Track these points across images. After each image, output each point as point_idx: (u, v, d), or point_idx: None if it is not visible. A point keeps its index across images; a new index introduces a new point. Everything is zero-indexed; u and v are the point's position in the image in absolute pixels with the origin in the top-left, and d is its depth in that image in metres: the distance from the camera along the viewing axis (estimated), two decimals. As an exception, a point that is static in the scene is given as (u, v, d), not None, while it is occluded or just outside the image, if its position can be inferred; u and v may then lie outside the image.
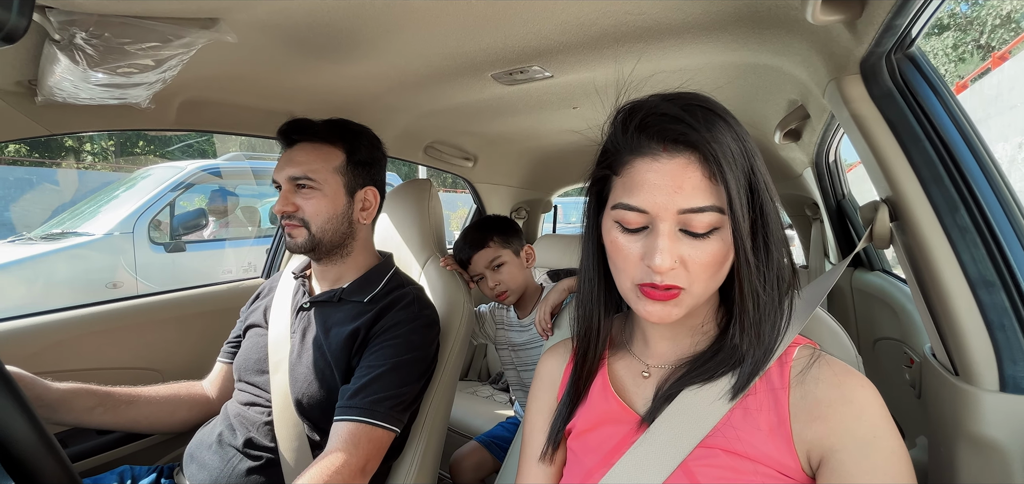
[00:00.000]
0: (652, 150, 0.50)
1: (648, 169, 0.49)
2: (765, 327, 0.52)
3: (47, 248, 3.29)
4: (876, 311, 1.37)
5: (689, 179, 0.48)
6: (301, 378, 0.91)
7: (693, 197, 0.48)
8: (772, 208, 0.51)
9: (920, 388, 0.90)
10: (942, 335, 0.68)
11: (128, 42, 0.60)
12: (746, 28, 0.81)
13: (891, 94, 0.68)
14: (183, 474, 0.94)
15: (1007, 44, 9.49)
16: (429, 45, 0.94)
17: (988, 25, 12.08)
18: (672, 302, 0.51)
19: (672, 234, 0.49)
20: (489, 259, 1.28)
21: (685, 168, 0.48)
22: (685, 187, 0.48)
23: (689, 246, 0.49)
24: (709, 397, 0.53)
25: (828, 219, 1.62)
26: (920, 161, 0.66)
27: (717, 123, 0.49)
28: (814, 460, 0.49)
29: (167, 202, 3.58)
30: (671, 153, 0.49)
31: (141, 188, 3.77)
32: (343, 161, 0.97)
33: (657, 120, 0.50)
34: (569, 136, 1.76)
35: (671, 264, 0.49)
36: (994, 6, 11.97)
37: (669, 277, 0.49)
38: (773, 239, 0.51)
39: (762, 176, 0.51)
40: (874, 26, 0.58)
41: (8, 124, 0.88)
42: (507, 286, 1.28)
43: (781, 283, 0.52)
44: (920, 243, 0.66)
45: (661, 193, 0.48)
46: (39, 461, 0.55)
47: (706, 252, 0.49)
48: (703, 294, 0.52)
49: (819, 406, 0.49)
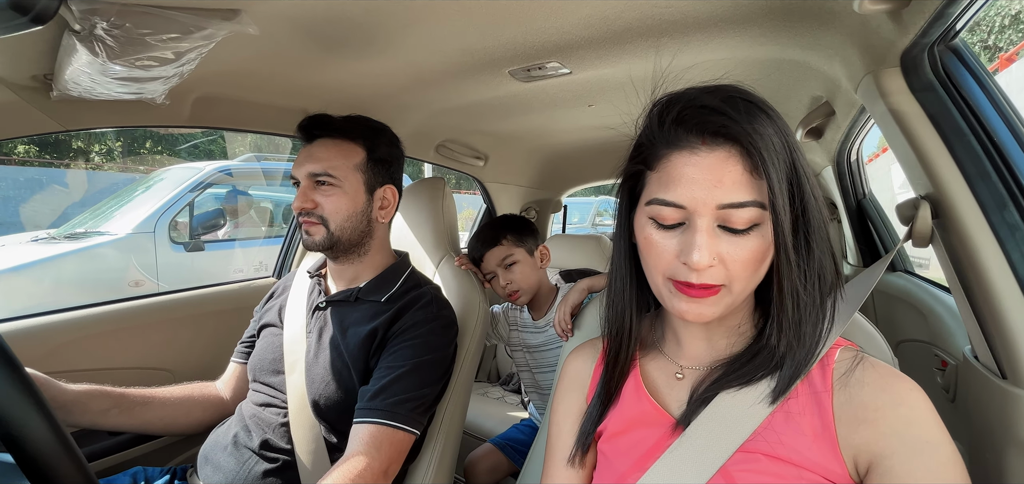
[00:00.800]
0: (690, 143, 0.48)
1: (686, 163, 0.48)
2: (806, 328, 0.50)
3: (71, 247, 3.38)
4: (899, 313, 1.34)
5: (729, 173, 0.46)
6: (318, 378, 0.89)
7: (733, 192, 0.46)
8: (815, 204, 0.49)
9: (954, 392, 0.87)
10: (988, 337, 0.65)
11: (149, 33, 0.59)
12: (777, 21, 0.79)
13: (932, 87, 0.66)
14: (197, 475, 0.93)
15: (1015, 45, 9.43)
16: (448, 40, 0.93)
17: (996, 25, 11.98)
18: (709, 300, 0.49)
19: (710, 230, 0.47)
20: (501, 257, 1.26)
21: (725, 161, 0.47)
22: (725, 181, 0.46)
23: (728, 243, 0.47)
24: (748, 400, 0.51)
25: (847, 219, 1.60)
26: (964, 156, 0.63)
27: (759, 115, 0.47)
28: (862, 466, 0.47)
29: (186, 203, 3.67)
30: (710, 146, 0.47)
31: (159, 189, 3.86)
32: (364, 158, 0.95)
33: (696, 112, 0.48)
34: (582, 135, 1.74)
35: (710, 261, 0.47)
36: (1003, 6, 11.88)
37: (707, 275, 0.47)
38: (816, 237, 0.49)
39: (805, 170, 0.49)
40: (923, 15, 0.56)
41: (23, 120, 0.87)
42: (519, 285, 1.26)
43: (823, 283, 0.50)
44: (965, 241, 0.64)
45: (700, 187, 0.47)
46: (56, 461, 0.53)
47: (746, 249, 0.47)
48: (742, 293, 0.50)
49: (866, 410, 0.47)
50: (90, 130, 1.02)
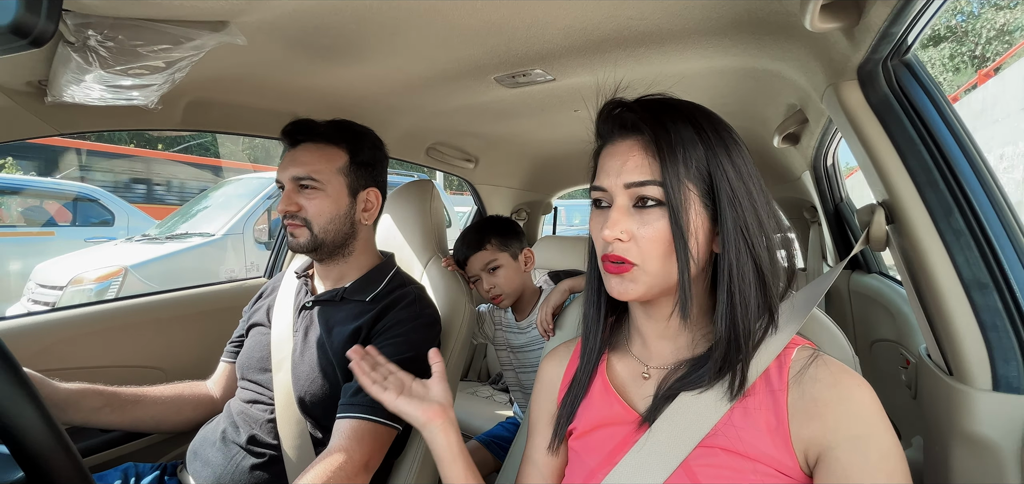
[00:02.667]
0: (611, 136, 0.57)
1: (607, 154, 0.57)
2: (737, 314, 0.52)
3: (181, 246, 3.91)
4: (873, 313, 1.39)
5: (634, 157, 0.54)
6: (303, 376, 0.92)
7: (636, 172, 0.53)
8: (743, 202, 0.52)
9: (916, 388, 0.91)
10: (937, 336, 0.69)
11: (140, 44, 0.61)
12: (746, 34, 0.83)
13: (887, 100, 0.70)
14: (186, 471, 0.95)
15: (1000, 55, 9.62)
16: (433, 48, 0.96)
17: (983, 37, 12.16)
18: (627, 277, 0.54)
19: (623, 209, 0.54)
20: (485, 261, 1.27)
21: (631, 148, 0.54)
22: (629, 164, 0.54)
23: (638, 222, 0.53)
24: (708, 398, 0.54)
25: (826, 222, 1.64)
26: (915, 165, 0.67)
27: (674, 116, 0.54)
28: (811, 458, 0.50)
29: (265, 208, 4.18)
30: (623, 137, 0.56)
31: (235, 193, 4.42)
32: (346, 162, 0.98)
33: (618, 113, 0.57)
34: (570, 139, 1.77)
35: (617, 234, 0.53)
36: (988, 18, 12.06)
37: (619, 249, 0.53)
38: (748, 232, 0.52)
39: (729, 170, 0.52)
40: (871, 33, 0.60)
41: (18, 123, 0.89)
42: (502, 290, 1.27)
43: (759, 276, 0.53)
44: (915, 245, 0.67)
45: (613, 171, 0.55)
46: (53, 457, 0.56)
47: (652, 228, 0.53)
48: (658, 274, 0.53)
49: (816, 405, 0.50)
50: (84, 133, 1.04)
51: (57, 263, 3.69)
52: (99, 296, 3.32)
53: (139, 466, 0.99)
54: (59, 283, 3.39)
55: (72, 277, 3.41)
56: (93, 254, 3.85)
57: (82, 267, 3.52)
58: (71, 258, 3.76)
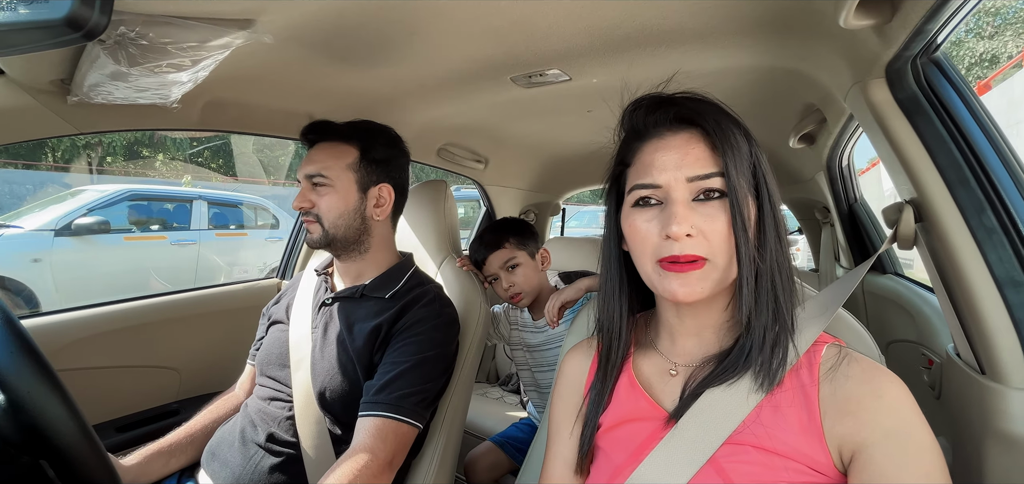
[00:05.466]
0: (659, 132, 0.55)
1: (656, 149, 0.54)
2: (769, 299, 0.52)
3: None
4: (889, 314, 1.38)
5: (693, 150, 0.52)
6: (323, 373, 0.91)
7: (699, 165, 0.52)
8: (776, 203, 0.54)
9: (940, 389, 0.90)
10: (968, 334, 0.68)
11: (170, 42, 0.61)
12: (769, 32, 0.83)
13: (916, 97, 0.69)
14: (203, 471, 0.95)
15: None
16: (453, 48, 0.96)
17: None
18: (696, 275, 0.52)
19: (685, 203, 0.52)
20: (504, 260, 1.28)
21: (689, 141, 0.53)
22: (690, 157, 0.52)
23: (703, 216, 0.52)
24: (736, 394, 0.53)
25: (840, 223, 1.63)
26: (945, 163, 0.67)
27: (719, 111, 0.54)
28: (846, 455, 0.49)
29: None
30: (675, 130, 0.54)
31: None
32: (356, 158, 0.98)
33: (661, 105, 0.56)
34: (580, 139, 1.77)
35: (687, 229, 0.51)
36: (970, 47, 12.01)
37: (689, 246, 0.51)
38: (779, 230, 0.53)
39: (765, 171, 0.54)
40: (905, 30, 0.59)
41: (39, 122, 0.89)
42: (521, 288, 1.28)
43: (782, 269, 0.54)
44: (946, 244, 0.67)
45: (670, 166, 0.53)
46: (81, 453, 0.56)
47: (719, 222, 0.51)
48: (725, 269, 0.53)
49: (849, 402, 0.49)
50: (103, 133, 1.05)
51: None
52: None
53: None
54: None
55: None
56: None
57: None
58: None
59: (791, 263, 0.55)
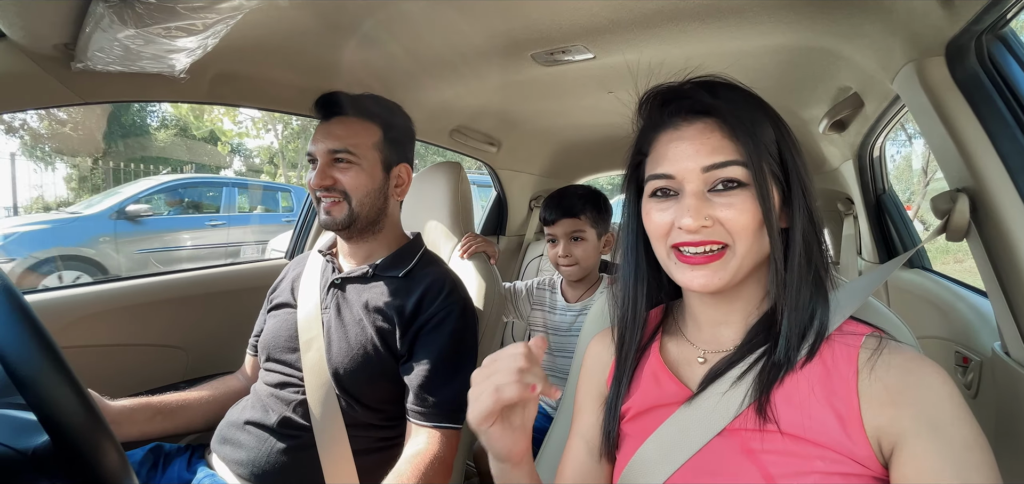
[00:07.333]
0: (674, 123, 0.54)
1: (671, 139, 0.54)
2: (801, 276, 0.51)
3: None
4: (915, 309, 1.33)
5: (709, 140, 0.52)
6: (339, 353, 0.90)
7: (714, 154, 0.51)
8: (807, 182, 0.52)
9: (978, 388, 0.86)
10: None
11: (179, 2, 0.57)
12: (815, 8, 0.77)
13: (977, 77, 0.65)
14: (213, 454, 0.93)
15: None
16: (473, 22, 0.91)
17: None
18: (713, 265, 0.51)
19: (698, 194, 0.51)
20: (573, 228, 1.26)
21: (704, 130, 0.52)
22: (706, 147, 0.51)
23: (721, 205, 0.51)
24: (762, 370, 0.52)
25: (866, 214, 1.58)
26: (1009, 149, 0.62)
27: (737, 95, 0.53)
28: (886, 447, 0.47)
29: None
30: (690, 121, 0.53)
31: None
32: (380, 137, 0.96)
33: (677, 95, 0.55)
34: (597, 122, 1.72)
35: (701, 221, 0.50)
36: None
37: (704, 233, 0.51)
38: (810, 208, 0.52)
39: (795, 151, 0.53)
40: (978, 1, 0.54)
41: (42, 91, 0.86)
42: (578, 260, 1.26)
43: (812, 247, 0.52)
44: (1005, 236, 0.62)
45: (684, 157, 0.52)
46: (90, 436, 0.53)
47: (737, 210, 0.50)
48: (748, 255, 0.51)
49: (889, 392, 0.47)
50: (108, 103, 1.01)
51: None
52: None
53: (166, 446, 0.98)
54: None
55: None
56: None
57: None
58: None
59: (824, 241, 0.53)
